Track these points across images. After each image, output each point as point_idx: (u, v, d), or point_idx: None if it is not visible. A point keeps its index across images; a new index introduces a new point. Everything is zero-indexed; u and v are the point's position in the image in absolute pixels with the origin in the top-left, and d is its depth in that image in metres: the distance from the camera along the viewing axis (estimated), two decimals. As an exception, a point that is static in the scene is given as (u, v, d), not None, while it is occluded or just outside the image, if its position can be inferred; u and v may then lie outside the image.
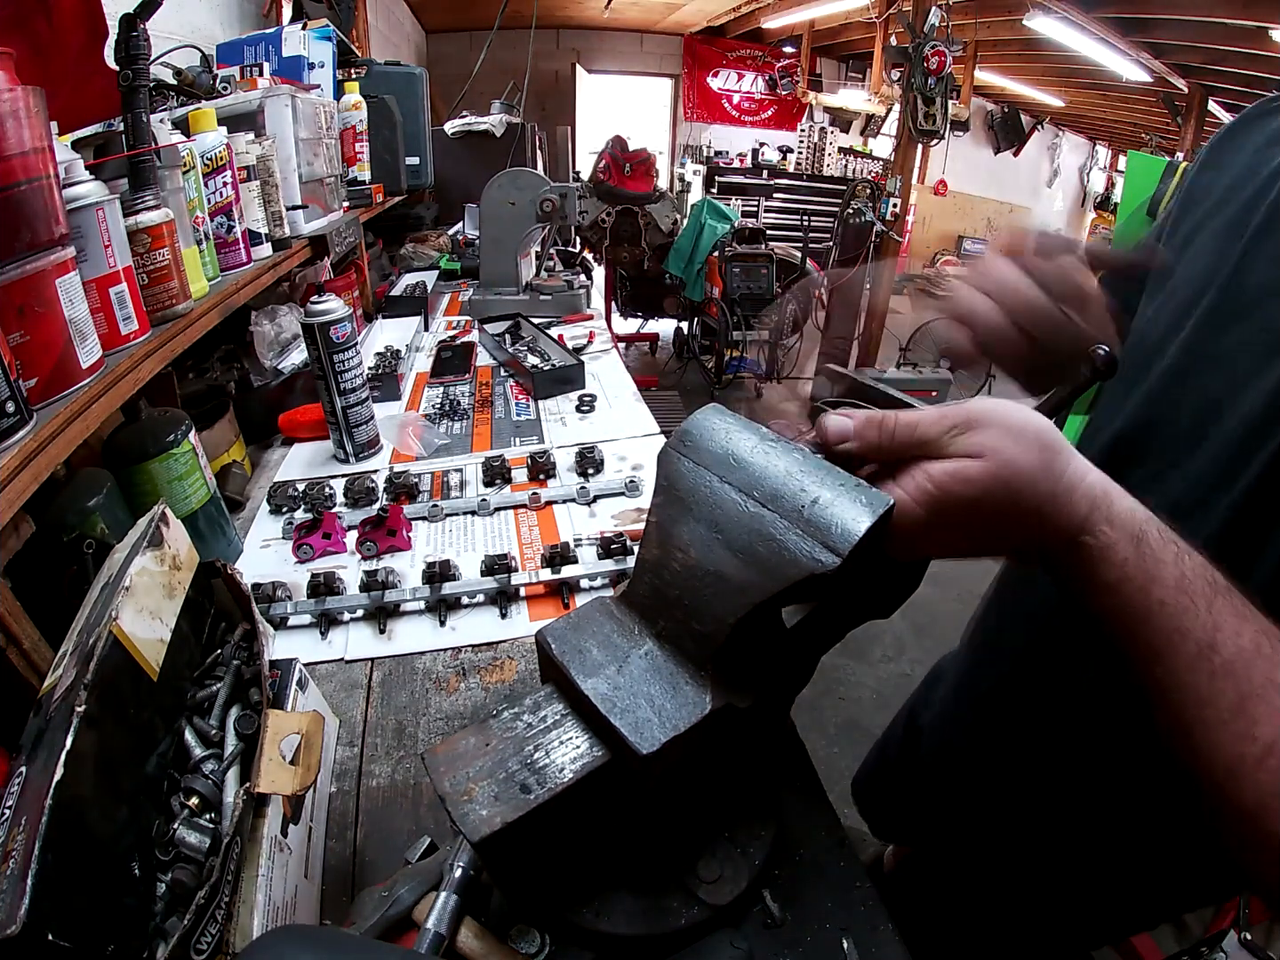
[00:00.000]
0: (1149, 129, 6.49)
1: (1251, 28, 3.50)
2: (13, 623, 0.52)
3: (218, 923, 0.38)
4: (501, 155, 2.60)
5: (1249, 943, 1.26)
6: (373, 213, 1.80)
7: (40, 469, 0.53)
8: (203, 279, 0.87)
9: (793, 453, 0.38)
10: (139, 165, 0.74)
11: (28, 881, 0.31)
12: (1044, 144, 8.54)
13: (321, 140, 1.34)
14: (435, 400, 1.29)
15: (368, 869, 0.53)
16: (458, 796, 0.35)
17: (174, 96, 1.12)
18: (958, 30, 4.72)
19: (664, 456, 0.42)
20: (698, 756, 0.39)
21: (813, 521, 0.35)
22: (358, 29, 2.40)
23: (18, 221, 0.53)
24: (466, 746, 0.38)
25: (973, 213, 8.21)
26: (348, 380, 0.98)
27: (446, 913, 0.40)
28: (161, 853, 0.42)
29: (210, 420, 0.96)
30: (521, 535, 0.90)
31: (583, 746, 0.38)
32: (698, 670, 0.38)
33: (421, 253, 2.23)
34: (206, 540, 0.81)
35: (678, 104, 7.02)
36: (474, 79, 2.90)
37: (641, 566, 0.41)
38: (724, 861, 0.45)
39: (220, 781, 0.46)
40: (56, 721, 0.39)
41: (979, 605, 0.75)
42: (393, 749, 0.63)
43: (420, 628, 0.76)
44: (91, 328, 0.62)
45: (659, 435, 1.13)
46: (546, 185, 1.53)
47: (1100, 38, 4.23)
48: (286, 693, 0.54)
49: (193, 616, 0.53)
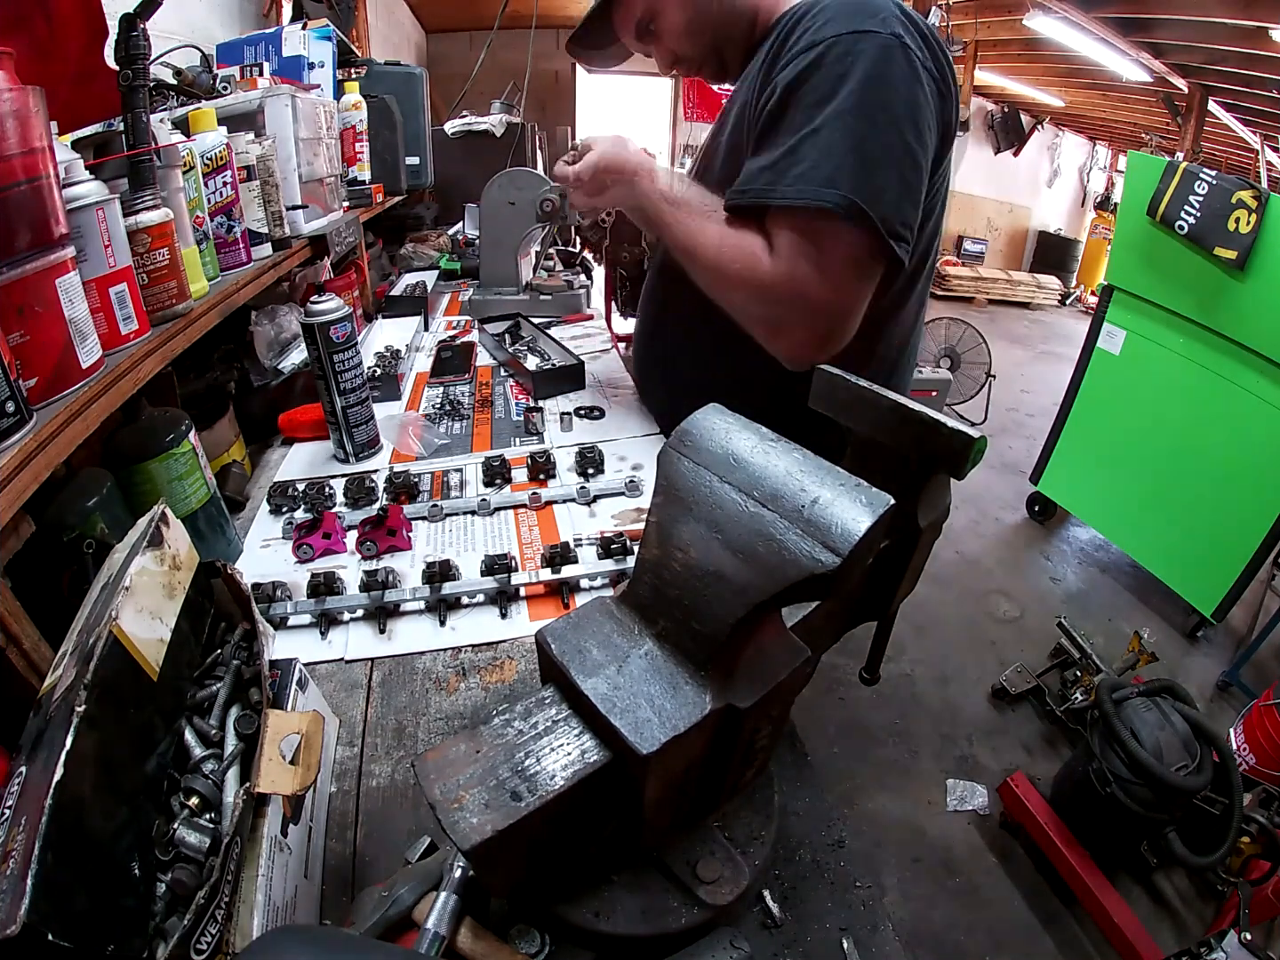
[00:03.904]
0: (1149, 129, 6.49)
1: (1251, 28, 3.50)
2: (13, 623, 0.52)
3: (218, 923, 0.38)
4: (501, 155, 2.60)
5: (1249, 943, 1.26)
6: (373, 213, 1.80)
7: (40, 469, 0.53)
8: (203, 279, 0.87)
9: (793, 453, 0.38)
10: (139, 165, 0.74)
11: (28, 881, 0.31)
12: (1044, 144, 8.54)
13: (321, 140, 1.34)
14: (435, 400, 1.29)
15: (368, 869, 0.53)
16: (448, 804, 0.35)
17: (174, 96, 1.12)
18: (958, 30, 4.74)
19: (664, 456, 0.42)
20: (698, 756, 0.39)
21: (813, 521, 0.35)
22: (358, 29, 2.40)
23: (18, 221, 0.53)
24: (457, 753, 0.38)
25: (973, 212, 8.21)
26: (348, 380, 0.98)
27: (446, 913, 0.40)
28: (161, 853, 0.42)
29: (210, 420, 0.96)
30: (521, 535, 0.90)
31: (574, 753, 0.38)
32: (698, 670, 0.38)
33: (421, 253, 2.23)
34: (206, 540, 0.81)
35: (678, 104, 7.01)
36: (474, 79, 2.90)
37: (642, 566, 0.41)
38: (724, 861, 0.45)
39: (220, 781, 0.46)
40: (56, 721, 0.38)
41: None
42: (393, 749, 0.63)
43: (420, 628, 0.76)
44: (91, 327, 0.62)
45: (659, 435, 1.13)
46: (546, 185, 1.52)
47: (1100, 38, 4.23)
48: (286, 693, 0.54)
49: (193, 616, 0.53)
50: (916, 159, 0.70)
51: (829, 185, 0.67)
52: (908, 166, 0.70)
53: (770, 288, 0.73)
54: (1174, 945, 1.48)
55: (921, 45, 0.71)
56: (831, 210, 0.67)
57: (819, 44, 0.69)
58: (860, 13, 0.69)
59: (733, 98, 0.90)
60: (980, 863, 1.71)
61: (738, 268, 0.75)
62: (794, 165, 0.70)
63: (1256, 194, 2.06)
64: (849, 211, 0.67)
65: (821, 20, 0.71)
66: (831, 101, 0.68)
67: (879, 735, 2.03)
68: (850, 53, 0.68)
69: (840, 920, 0.48)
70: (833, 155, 0.68)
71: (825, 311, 0.73)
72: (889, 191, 0.69)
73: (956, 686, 2.23)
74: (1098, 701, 1.62)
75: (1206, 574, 2.34)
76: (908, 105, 0.69)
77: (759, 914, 0.48)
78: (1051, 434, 2.95)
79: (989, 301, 7.29)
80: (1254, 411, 2.18)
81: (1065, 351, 5.34)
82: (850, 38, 0.68)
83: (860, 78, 0.67)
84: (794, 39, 0.72)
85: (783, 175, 0.70)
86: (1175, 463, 2.45)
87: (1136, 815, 1.48)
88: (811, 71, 0.69)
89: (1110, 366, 2.67)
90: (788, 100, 0.71)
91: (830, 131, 0.68)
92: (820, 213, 0.68)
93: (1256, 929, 1.33)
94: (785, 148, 0.71)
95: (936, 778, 1.91)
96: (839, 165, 0.67)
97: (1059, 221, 9.10)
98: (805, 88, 0.70)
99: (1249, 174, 5.20)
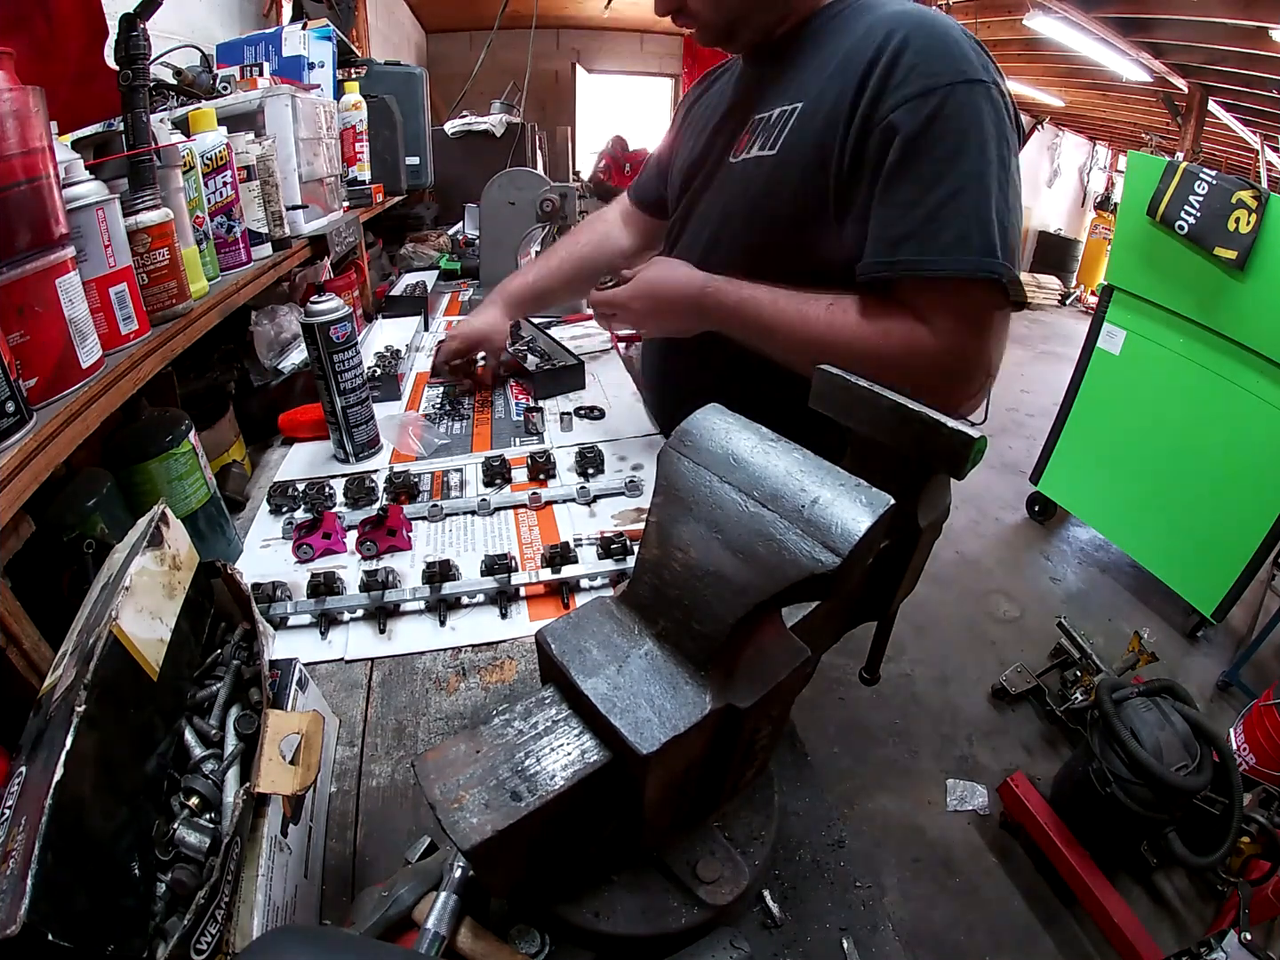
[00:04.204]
0: (1149, 129, 6.49)
1: (1251, 28, 3.49)
2: (13, 623, 0.52)
3: (218, 923, 0.38)
4: (501, 155, 2.60)
5: (1249, 943, 1.26)
6: (373, 213, 1.80)
7: (40, 469, 0.53)
8: (203, 279, 0.87)
9: (793, 453, 0.38)
10: (139, 165, 0.74)
11: (28, 881, 0.31)
12: (1044, 144, 8.54)
13: (321, 140, 1.34)
14: (435, 400, 1.29)
15: (368, 869, 0.53)
16: (448, 804, 0.35)
17: (174, 96, 1.12)
18: (958, 30, 4.73)
19: (664, 456, 0.42)
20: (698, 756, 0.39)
21: (813, 521, 0.35)
22: (358, 29, 2.40)
23: (18, 221, 0.53)
24: (457, 753, 0.38)
25: (973, 213, 8.20)
26: (348, 380, 0.98)
27: (446, 913, 0.40)
28: (161, 853, 0.42)
29: (210, 420, 0.96)
30: (521, 535, 0.90)
31: (574, 753, 0.38)
32: (698, 670, 0.38)
33: (421, 253, 2.23)
34: (206, 540, 0.81)
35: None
36: (474, 79, 2.90)
37: (642, 566, 0.41)
38: (724, 861, 0.45)
39: (220, 781, 0.46)
40: (56, 721, 0.38)
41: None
42: (393, 749, 0.63)
43: (420, 628, 0.76)
44: (91, 327, 0.62)
45: (659, 435, 1.13)
46: (546, 185, 1.53)
47: (1100, 38, 4.23)
48: (286, 693, 0.54)
49: (193, 616, 0.53)
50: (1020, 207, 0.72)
51: (987, 254, 0.68)
52: (1019, 216, 0.71)
53: (937, 362, 0.72)
54: (1174, 945, 1.48)
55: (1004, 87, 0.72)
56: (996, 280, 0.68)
57: (935, 91, 0.68)
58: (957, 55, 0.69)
59: (763, 92, 0.85)
60: (980, 863, 1.71)
61: (896, 349, 0.73)
62: (941, 232, 0.69)
63: (1256, 194, 2.06)
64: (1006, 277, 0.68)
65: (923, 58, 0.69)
66: (963, 160, 0.68)
67: (879, 735, 2.03)
68: (969, 105, 0.68)
69: (840, 920, 0.48)
70: (980, 222, 0.68)
71: (986, 370, 0.74)
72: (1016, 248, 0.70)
73: (956, 686, 2.23)
74: (1098, 701, 1.62)
75: (1206, 574, 2.34)
76: (1015, 156, 0.71)
77: (759, 914, 0.48)
78: (1051, 434, 2.95)
79: (989, 301, 7.28)
80: (1254, 411, 2.18)
81: (1065, 351, 5.34)
82: (964, 88, 0.68)
83: (986, 135, 0.68)
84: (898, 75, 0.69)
85: (928, 244, 0.69)
86: (1175, 463, 2.44)
87: (1136, 815, 1.48)
88: (933, 124, 0.68)
89: (1110, 366, 2.67)
90: (911, 153, 0.69)
91: (971, 195, 0.68)
92: (977, 282, 0.69)
93: (1256, 929, 1.33)
94: (924, 213, 0.69)
95: (936, 778, 1.91)
96: (988, 233, 0.68)
97: (1059, 221, 9.09)
98: (930, 142, 0.68)
99: (1249, 174, 5.20)
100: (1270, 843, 1.51)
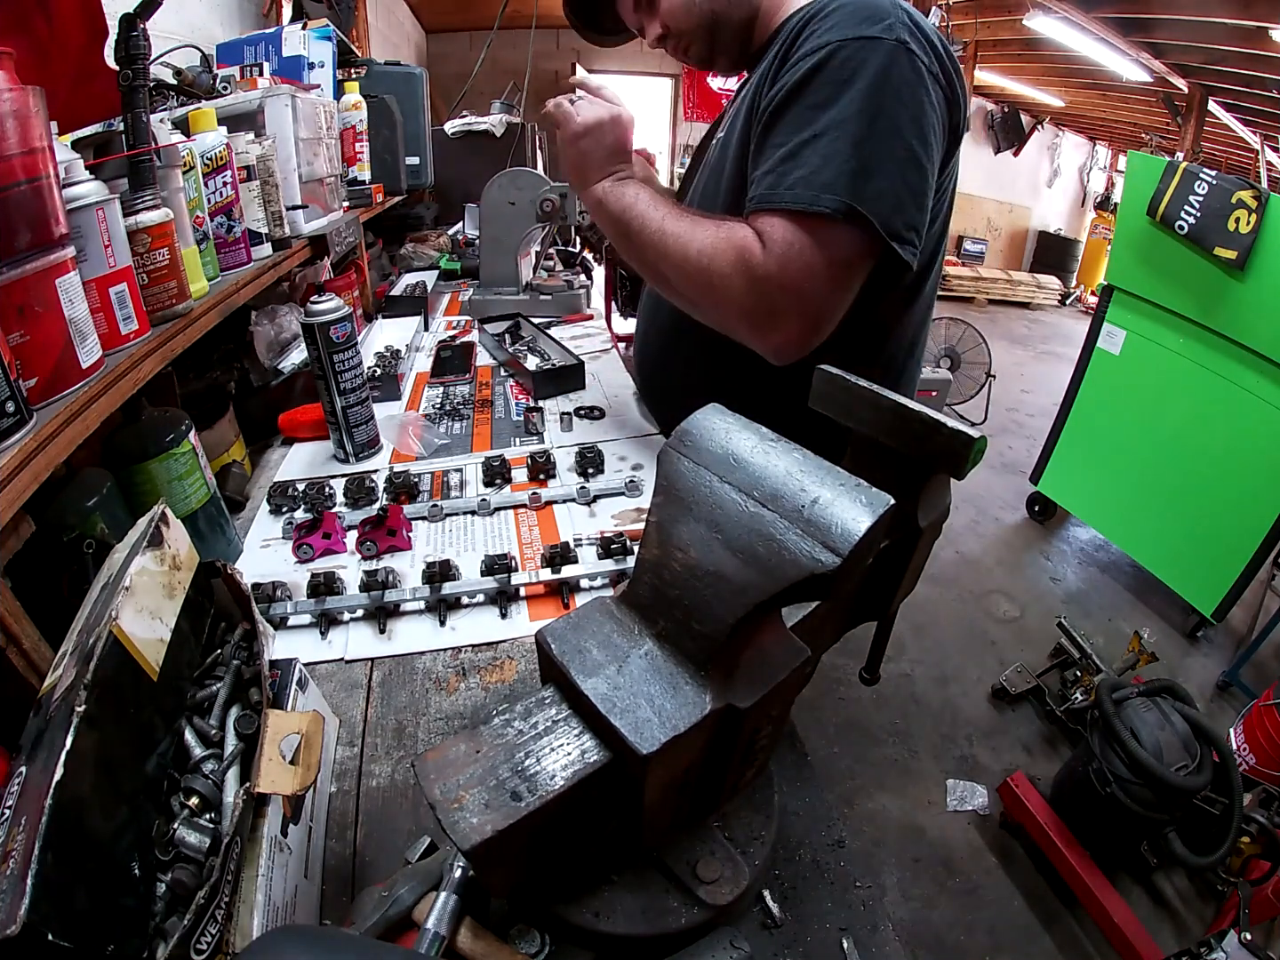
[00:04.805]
0: (1149, 129, 6.49)
1: (1251, 28, 3.50)
2: (13, 623, 0.52)
3: (218, 923, 0.38)
4: (501, 155, 2.60)
5: (1249, 943, 1.26)
6: (373, 213, 1.80)
7: (40, 469, 0.53)
8: (203, 279, 0.87)
9: (793, 453, 0.38)
10: (139, 165, 0.74)
11: (28, 881, 0.31)
12: (1044, 144, 8.54)
13: (321, 140, 1.34)
14: (435, 400, 1.29)
15: (368, 869, 0.53)
16: (448, 804, 0.35)
17: (174, 96, 1.12)
18: (958, 30, 4.73)
19: (664, 456, 0.42)
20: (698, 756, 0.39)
21: (813, 521, 0.35)
22: (358, 29, 2.40)
23: (18, 221, 0.53)
24: (457, 753, 0.38)
25: (973, 212, 8.21)
26: (348, 380, 0.98)
27: (446, 913, 0.40)
28: (161, 853, 0.42)
29: (210, 420, 0.96)
30: (521, 535, 0.90)
31: (575, 753, 0.38)
32: (698, 670, 0.38)
33: (421, 253, 2.23)
34: (206, 540, 0.81)
35: (678, 104, 7.01)
36: (474, 79, 2.90)
37: (641, 566, 0.41)
38: (724, 861, 0.45)
39: (220, 781, 0.46)
40: (56, 721, 0.38)
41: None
42: (393, 749, 0.63)
43: (420, 628, 0.76)
44: (91, 327, 0.62)
45: (659, 435, 1.13)
46: (546, 185, 1.52)
47: (1100, 38, 4.23)
48: (286, 693, 0.54)
49: (193, 616, 0.53)
50: (920, 163, 0.71)
51: (827, 190, 0.68)
52: (911, 171, 0.71)
53: (764, 278, 0.73)
54: (1174, 945, 1.48)
55: (927, 50, 0.71)
56: (829, 215, 0.68)
57: (823, 48, 0.70)
58: (867, 19, 0.70)
59: (737, 99, 0.90)
60: (980, 863, 1.71)
61: (729, 258, 0.75)
62: (794, 170, 0.70)
63: (1256, 194, 2.06)
64: (847, 215, 0.68)
65: (828, 25, 0.71)
66: (833, 107, 0.69)
67: (879, 735, 2.03)
68: (854, 59, 0.69)
69: (840, 920, 0.48)
70: (832, 161, 0.69)
71: (816, 304, 0.74)
72: (889, 195, 0.70)
73: (956, 686, 2.23)
74: (1098, 701, 1.62)
75: (1206, 574, 2.34)
76: (911, 111, 0.70)
77: (759, 914, 0.48)
78: (1051, 434, 2.95)
79: (989, 301, 7.29)
80: (1254, 411, 2.18)
81: (1065, 351, 5.34)
82: (855, 44, 0.69)
83: (863, 84, 0.68)
84: (800, 43, 0.73)
85: (782, 180, 0.71)
86: (1175, 463, 2.44)
87: (1136, 815, 1.48)
88: (814, 75, 0.70)
89: (1110, 366, 2.67)
90: (789, 103, 0.72)
91: (831, 138, 0.69)
92: (816, 216, 0.69)
93: (1256, 929, 1.33)
94: (785, 151, 0.72)
95: (936, 778, 1.91)
96: (838, 171, 0.68)
97: (1059, 221, 9.09)
98: (807, 91, 0.71)
99: (1249, 174, 5.20)
100: (1270, 843, 1.51)
